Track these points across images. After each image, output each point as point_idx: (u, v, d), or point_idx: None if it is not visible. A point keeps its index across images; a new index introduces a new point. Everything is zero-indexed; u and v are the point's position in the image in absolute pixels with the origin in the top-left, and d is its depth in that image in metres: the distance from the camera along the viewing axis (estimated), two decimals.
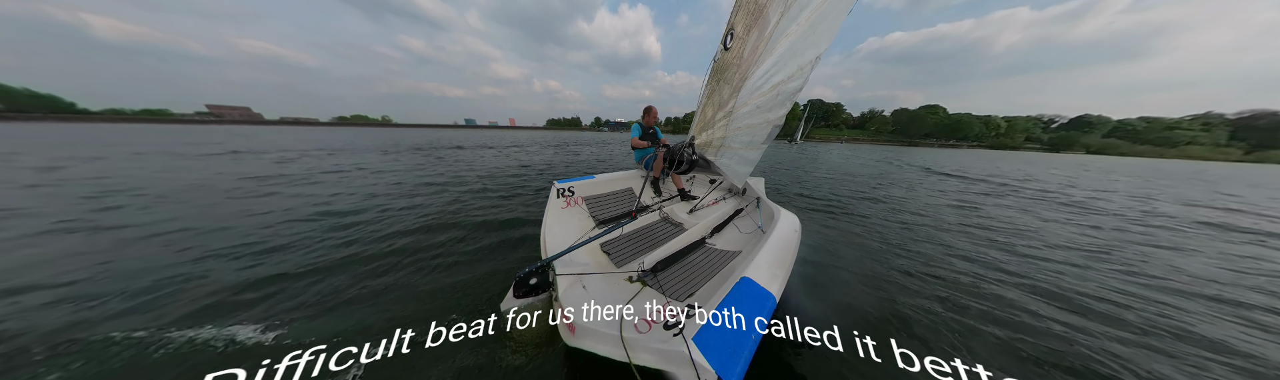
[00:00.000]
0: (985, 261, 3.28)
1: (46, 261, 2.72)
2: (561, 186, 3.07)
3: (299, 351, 1.24)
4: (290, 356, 1.21)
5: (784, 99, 2.52)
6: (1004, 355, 1.99)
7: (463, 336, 1.54)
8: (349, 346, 1.33)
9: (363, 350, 1.34)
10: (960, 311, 2.35)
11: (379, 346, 1.39)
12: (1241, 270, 3.42)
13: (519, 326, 1.71)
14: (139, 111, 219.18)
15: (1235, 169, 37.27)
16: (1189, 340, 2.18)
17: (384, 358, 1.37)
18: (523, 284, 1.71)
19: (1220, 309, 2.57)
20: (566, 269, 2.00)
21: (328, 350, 1.29)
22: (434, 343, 1.47)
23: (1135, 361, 1.96)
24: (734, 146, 2.60)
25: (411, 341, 1.44)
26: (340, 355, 1.30)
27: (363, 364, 1.47)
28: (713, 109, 2.35)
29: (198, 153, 11.61)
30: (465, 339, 1.56)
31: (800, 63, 2.21)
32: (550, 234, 2.41)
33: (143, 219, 3.88)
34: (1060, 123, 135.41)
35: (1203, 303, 2.65)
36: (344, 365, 1.30)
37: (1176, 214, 6.57)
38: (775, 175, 10.03)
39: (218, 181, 6.33)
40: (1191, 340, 2.18)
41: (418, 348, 1.46)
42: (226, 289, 2.35)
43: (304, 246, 3.12)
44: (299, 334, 1.98)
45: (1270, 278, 3.26)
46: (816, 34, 2.06)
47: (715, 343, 1.17)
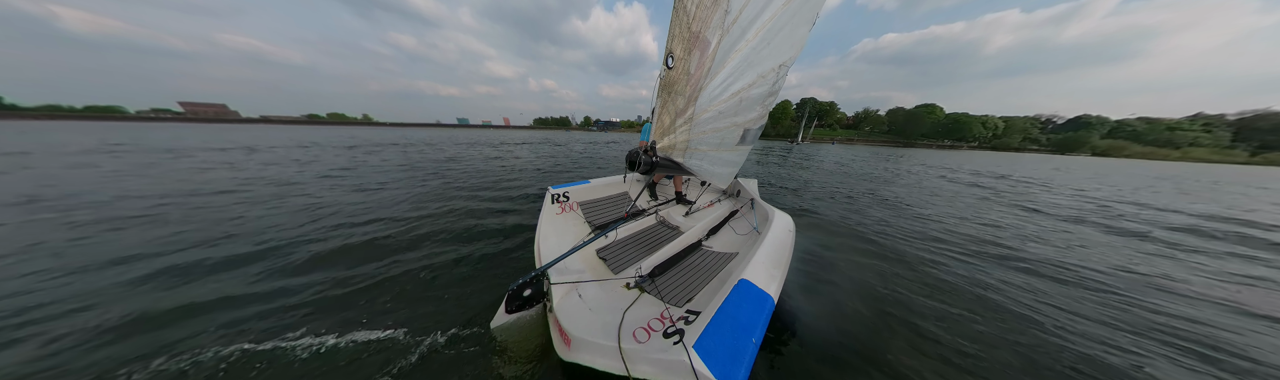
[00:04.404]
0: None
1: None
2: (556, 192, 3.10)
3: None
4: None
5: (750, 104, 2.78)
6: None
7: (449, 354, 1.58)
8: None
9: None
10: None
11: (356, 366, 1.43)
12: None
13: (510, 342, 1.77)
14: (84, 108, 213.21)
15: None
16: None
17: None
18: (516, 297, 1.65)
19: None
20: (562, 277, 2.00)
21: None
22: (415, 361, 1.53)
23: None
24: (703, 148, 2.87)
25: (386, 362, 1.47)
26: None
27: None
28: (670, 116, 2.62)
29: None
30: (453, 356, 1.63)
31: (760, 72, 2.47)
32: (545, 241, 2.43)
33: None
34: (1058, 123, 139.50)
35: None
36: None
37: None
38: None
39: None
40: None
41: (399, 369, 1.50)
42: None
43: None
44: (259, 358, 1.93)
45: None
46: (773, 46, 2.31)
47: (716, 349, 1.17)
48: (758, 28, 2.19)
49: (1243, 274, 3.96)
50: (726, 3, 2.13)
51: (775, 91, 2.70)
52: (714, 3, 2.16)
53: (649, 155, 2.69)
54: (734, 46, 2.28)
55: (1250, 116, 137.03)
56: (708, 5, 2.18)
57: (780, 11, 2.18)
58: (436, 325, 2.18)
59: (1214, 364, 2.32)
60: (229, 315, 2.34)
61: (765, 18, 2.19)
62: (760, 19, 2.18)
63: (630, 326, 1.55)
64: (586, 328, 1.54)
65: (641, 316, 1.66)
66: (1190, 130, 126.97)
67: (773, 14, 2.19)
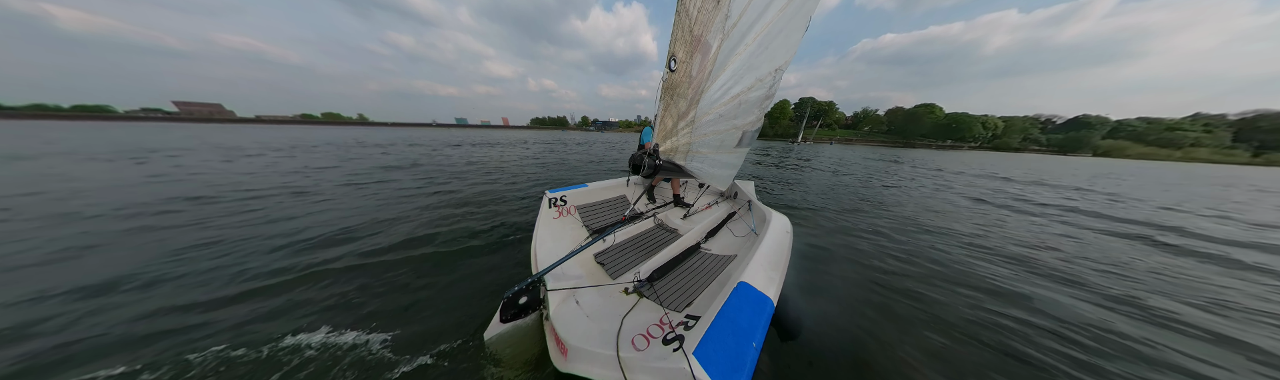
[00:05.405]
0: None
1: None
2: (553, 196, 3.08)
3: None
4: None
5: (748, 107, 2.82)
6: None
7: (440, 369, 1.53)
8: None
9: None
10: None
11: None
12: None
13: (505, 353, 1.71)
14: (72, 108, 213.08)
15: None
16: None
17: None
18: (511, 305, 1.62)
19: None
20: (558, 283, 1.97)
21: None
22: (400, 378, 1.48)
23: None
24: (703, 151, 2.90)
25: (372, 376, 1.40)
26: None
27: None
28: (672, 119, 2.65)
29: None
30: (444, 370, 1.57)
31: (758, 75, 2.52)
32: (541, 246, 2.41)
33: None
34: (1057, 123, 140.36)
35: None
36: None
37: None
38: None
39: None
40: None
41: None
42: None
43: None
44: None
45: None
46: (770, 50, 2.37)
47: (716, 355, 1.16)
48: (756, 32, 2.24)
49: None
50: (727, 7, 2.18)
51: (772, 95, 2.77)
52: (715, 7, 2.20)
53: (652, 158, 2.71)
54: (734, 50, 2.32)
55: (1252, 116, 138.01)
56: (709, 9, 2.22)
57: (778, 16, 2.23)
58: (425, 338, 2.06)
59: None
60: (201, 330, 2.16)
61: (764, 22, 2.24)
62: (759, 23, 2.22)
63: (629, 333, 1.54)
64: (584, 336, 1.52)
65: (640, 322, 1.65)
66: (1191, 130, 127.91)
67: (771, 18, 2.24)
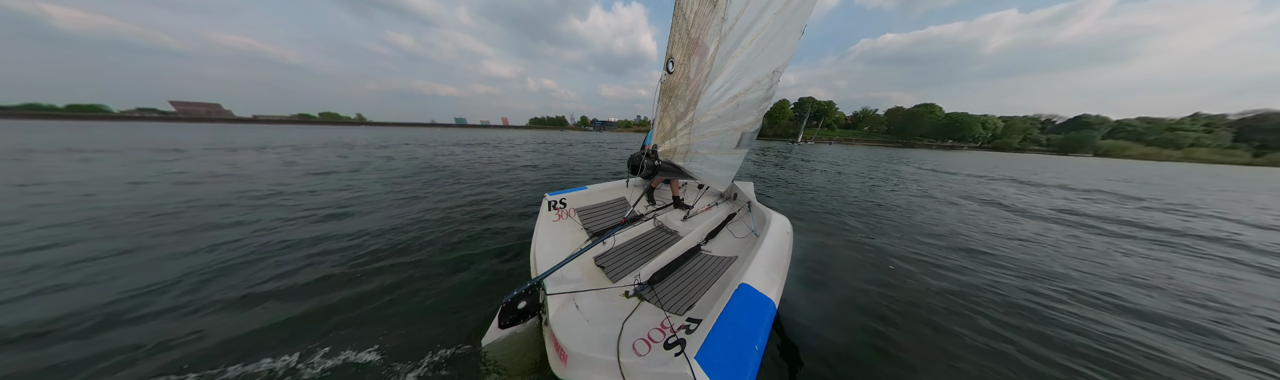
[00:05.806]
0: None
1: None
2: (553, 198, 3.06)
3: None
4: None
5: (746, 108, 2.84)
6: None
7: (436, 378, 1.51)
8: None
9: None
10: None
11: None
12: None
13: (503, 359, 1.68)
14: (67, 107, 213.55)
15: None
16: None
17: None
18: (510, 310, 1.60)
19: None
20: (558, 287, 1.97)
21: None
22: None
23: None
24: (702, 152, 2.92)
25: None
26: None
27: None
28: (671, 120, 2.67)
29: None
30: (439, 378, 1.55)
31: (756, 77, 2.55)
32: (541, 250, 2.40)
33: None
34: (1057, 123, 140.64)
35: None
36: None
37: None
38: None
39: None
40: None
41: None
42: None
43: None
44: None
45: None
46: (767, 52, 2.40)
47: (719, 359, 1.14)
48: (753, 35, 2.26)
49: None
50: (723, 10, 2.20)
51: (769, 96, 2.80)
52: (712, 10, 2.22)
53: (651, 159, 2.71)
54: (731, 52, 2.34)
55: (1252, 116, 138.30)
56: (706, 12, 2.24)
57: (774, 19, 2.27)
58: (421, 345, 2.02)
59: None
60: (192, 345, 2.07)
61: (760, 25, 2.27)
62: (755, 26, 2.25)
63: (630, 338, 1.52)
64: (584, 341, 1.50)
65: (641, 327, 1.63)
66: (1191, 130, 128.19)
67: (767, 21, 2.27)
